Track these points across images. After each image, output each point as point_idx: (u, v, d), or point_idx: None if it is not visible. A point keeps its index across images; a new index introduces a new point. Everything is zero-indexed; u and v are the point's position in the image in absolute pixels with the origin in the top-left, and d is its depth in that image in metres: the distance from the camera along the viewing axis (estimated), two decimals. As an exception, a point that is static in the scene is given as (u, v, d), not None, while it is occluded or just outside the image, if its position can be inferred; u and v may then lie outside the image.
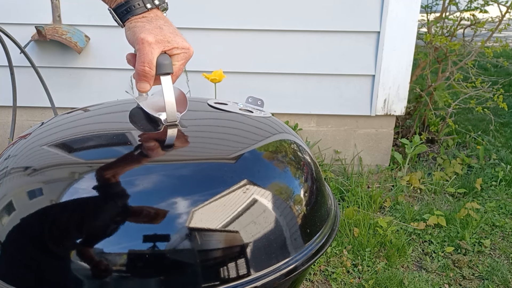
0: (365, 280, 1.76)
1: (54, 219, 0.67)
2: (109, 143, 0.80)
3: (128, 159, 0.74)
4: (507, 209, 2.22)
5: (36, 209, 0.69)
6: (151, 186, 0.68)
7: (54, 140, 0.83)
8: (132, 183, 0.69)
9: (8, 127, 2.41)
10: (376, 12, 2.28)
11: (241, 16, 2.30)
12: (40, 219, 0.67)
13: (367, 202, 2.20)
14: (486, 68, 4.00)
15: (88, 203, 0.67)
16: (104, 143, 0.80)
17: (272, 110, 2.32)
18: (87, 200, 0.67)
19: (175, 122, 0.80)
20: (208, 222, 0.65)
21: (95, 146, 0.79)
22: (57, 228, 0.66)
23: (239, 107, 0.94)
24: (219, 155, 0.77)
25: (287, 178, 0.78)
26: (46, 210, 0.68)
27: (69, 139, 0.82)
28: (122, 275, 0.63)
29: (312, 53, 2.36)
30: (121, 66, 2.33)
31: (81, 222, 0.66)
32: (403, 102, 2.42)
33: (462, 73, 2.76)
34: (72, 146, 0.80)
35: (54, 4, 2.20)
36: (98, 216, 0.66)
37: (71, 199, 0.68)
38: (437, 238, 2.01)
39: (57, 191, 0.70)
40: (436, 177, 2.44)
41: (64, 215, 0.67)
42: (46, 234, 0.66)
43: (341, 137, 2.54)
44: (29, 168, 0.76)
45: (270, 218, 0.70)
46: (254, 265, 0.67)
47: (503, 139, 2.99)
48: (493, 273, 1.80)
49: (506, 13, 2.71)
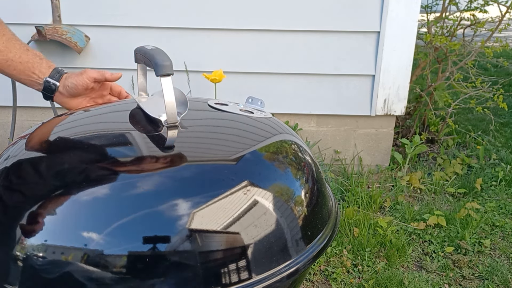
0: (365, 280, 1.76)
1: (53, 220, 0.67)
2: (109, 144, 0.80)
3: (128, 161, 0.74)
4: (507, 209, 2.22)
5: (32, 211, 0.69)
6: (152, 188, 0.68)
7: (54, 140, 0.83)
8: (133, 185, 0.68)
9: (8, 127, 2.40)
10: (376, 12, 2.28)
11: (241, 16, 2.30)
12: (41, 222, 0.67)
13: (367, 202, 2.20)
14: (486, 68, 4.00)
15: (87, 205, 0.67)
16: (104, 144, 0.79)
17: (272, 110, 2.32)
18: (87, 202, 0.67)
19: (176, 123, 0.80)
20: (209, 224, 0.65)
21: (94, 147, 0.79)
22: (58, 229, 0.66)
23: (240, 108, 0.94)
24: (220, 156, 0.77)
25: (288, 180, 0.78)
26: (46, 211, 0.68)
27: (69, 139, 0.82)
28: (122, 277, 0.63)
29: (312, 53, 2.36)
30: (121, 66, 2.32)
31: (81, 223, 0.66)
32: (403, 102, 2.42)
33: (462, 73, 2.76)
34: (71, 147, 0.80)
35: (54, 4, 2.20)
36: (97, 218, 0.66)
37: (67, 202, 0.68)
38: (437, 238, 2.01)
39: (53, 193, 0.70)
40: (436, 177, 2.43)
41: (62, 215, 0.67)
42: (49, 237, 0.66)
43: (341, 137, 2.54)
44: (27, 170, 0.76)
45: (271, 221, 0.70)
46: (255, 268, 0.67)
47: (503, 139, 2.99)
48: (493, 273, 1.80)
49: (506, 13, 2.70)
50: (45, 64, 1.00)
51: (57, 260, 0.64)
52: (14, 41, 0.97)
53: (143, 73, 0.95)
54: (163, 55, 0.82)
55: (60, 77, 1.00)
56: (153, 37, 2.29)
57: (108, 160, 0.75)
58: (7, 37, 0.96)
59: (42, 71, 0.99)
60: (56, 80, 0.99)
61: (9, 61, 0.96)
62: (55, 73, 0.99)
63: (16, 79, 1.00)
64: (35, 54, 0.99)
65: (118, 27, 2.29)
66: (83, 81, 0.98)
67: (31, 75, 0.98)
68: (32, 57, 0.98)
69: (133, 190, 0.68)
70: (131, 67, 0.84)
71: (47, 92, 1.00)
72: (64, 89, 0.99)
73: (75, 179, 0.71)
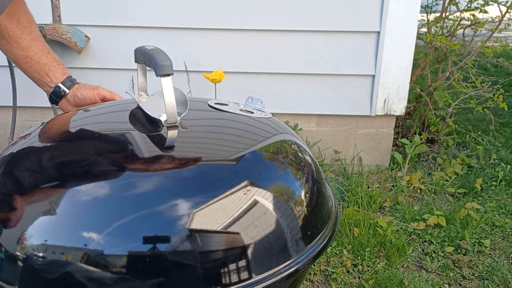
0: (365, 280, 1.76)
1: (53, 220, 0.67)
2: (109, 144, 0.80)
3: (128, 161, 0.74)
4: (507, 209, 2.22)
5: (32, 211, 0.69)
6: (152, 188, 0.68)
7: (54, 140, 0.83)
8: (133, 185, 0.68)
9: (8, 127, 2.40)
10: (376, 12, 2.28)
11: (241, 16, 2.30)
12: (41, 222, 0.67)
13: (367, 202, 2.20)
14: (486, 68, 4.00)
15: (87, 205, 0.67)
16: (104, 144, 0.79)
17: (272, 110, 2.32)
18: (87, 201, 0.67)
19: (176, 123, 0.80)
20: (209, 224, 0.65)
21: (94, 147, 0.79)
22: (58, 229, 0.66)
23: (240, 108, 0.94)
24: (220, 156, 0.77)
25: (288, 180, 0.78)
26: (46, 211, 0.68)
27: (69, 139, 0.82)
28: (122, 277, 0.63)
29: (312, 53, 2.36)
30: (121, 66, 2.33)
31: (81, 222, 0.66)
32: (403, 102, 2.42)
33: (462, 73, 2.76)
34: (71, 147, 0.80)
35: (54, 4, 2.20)
36: (97, 218, 0.66)
37: (68, 202, 0.68)
38: (437, 238, 2.01)
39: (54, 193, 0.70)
40: (436, 177, 2.43)
41: (62, 215, 0.67)
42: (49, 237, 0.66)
43: (341, 137, 2.54)
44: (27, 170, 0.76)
45: (271, 221, 0.70)
46: (255, 268, 0.67)
47: (503, 139, 2.99)
48: (493, 273, 1.80)
49: (506, 13, 2.70)
50: (60, 70, 1.05)
51: (57, 260, 0.64)
52: (38, 42, 1.03)
53: (143, 73, 0.95)
54: (163, 55, 0.82)
55: (72, 85, 1.05)
56: (153, 37, 2.29)
57: (108, 160, 0.75)
58: (33, 36, 1.02)
59: (56, 76, 1.04)
60: (67, 87, 1.04)
61: (28, 59, 1.02)
62: (67, 80, 1.05)
63: (29, 76, 1.05)
64: (54, 58, 1.05)
65: (118, 27, 2.29)
66: (94, 97, 1.03)
67: (45, 77, 1.04)
68: (51, 60, 1.04)
69: (133, 190, 0.68)
70: (131, 67, 0.84)
71: (55, 96, 1.05)
72: (72, 98, 1.04)
73: (75, 178, 0.71)
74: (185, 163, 0.73)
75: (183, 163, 0.73)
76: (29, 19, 1.03)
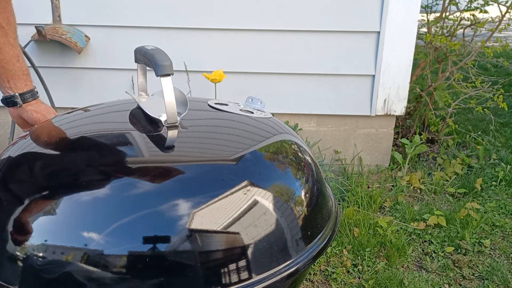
0: (365, 280, 1.76)
1: (54, 220, 0.67)
2: (110, 144, 0.80)
3: (128, 161, 0.74)
4: (507, 209, 2.22)
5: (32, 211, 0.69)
6: (152, 188, 0.68)
7: (54, 140, 0.83)
8: (133, 185, 0.68)
9: (8, 127, 2.40)
10: (376, 12, 2.28)
11: (241, 16, 2.30)
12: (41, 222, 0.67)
13: (367, 202, 2.20)
14: (486, 68, 3.99)
15: (87, 205, 0.67)
16: (104, 144, 0.79)
17: (272, 110, 2.32)
18: (87, 202, 0.67)
19: (176, 123, 0.80)
20: (209, 224, 0.65)
21: (95, 147, 0.79)
22: (58, 229, 0.66)
23: (240, 108, 0.94)
24: (220, 156, 0.77)
25: (288, 180, 0.78)
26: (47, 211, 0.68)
27: (69, 139, 0.82)
28: (122, 277, 0.63)
29: (312, 53, 2.36)
30: (121, 66, 2.33)
31: (81, 223, 0.66)
32: (403, 102, 2.42)
33: (462, 73, 2.76)
34: (71, 147, 0.80)
35: (54, 4, 2.20)
36: (97, 218, 0.66)
37: (68, 202, 0.68)
38: (437, 238, 2.01)
39: (54, 193, 0.70)
40: (436, 177, 2.43)
41: (63, 215, 0.67)
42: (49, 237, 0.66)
43: (341, 137, 2.54)
44: (28, 170, 0.76)
45: (271, 221, 0.70)
46: (255, 268, 0.67)
47: (503, 139, 2.99)
48: (493, 273, 1.80)
49: (506, 13, 2.70)
50: (23, 81, 1.03)
51: (57, 260, 0.64)
52: (10, 46, 1.00)
53: (143, 73, 0.95)
54: (163, 55, 0.82)
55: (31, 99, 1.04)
56: (153, 37, 2.29)
57: (108, 160, 0.75)
58: (7, 39, 0.99)
59: (17, 85, 1.02)
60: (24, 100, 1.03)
61: None
62: (28, 93, 1.04)
63: None
64: (22, 68, 1.03)
65: (118, 27, 2.29)
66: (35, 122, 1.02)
67: (5, 82, 1.02)
68: (17, 69, 1.02)
69: (133, 190, 0.68)
70: (131, 67, 0.84)
71: (7, 102, 1.04)
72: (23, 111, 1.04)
73: (75, 179, 0.71)
74: (185, 163, 0.73)
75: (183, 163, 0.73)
76: (8, 20, 1.00)
